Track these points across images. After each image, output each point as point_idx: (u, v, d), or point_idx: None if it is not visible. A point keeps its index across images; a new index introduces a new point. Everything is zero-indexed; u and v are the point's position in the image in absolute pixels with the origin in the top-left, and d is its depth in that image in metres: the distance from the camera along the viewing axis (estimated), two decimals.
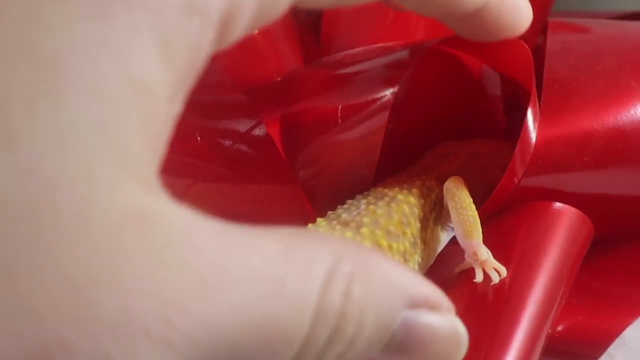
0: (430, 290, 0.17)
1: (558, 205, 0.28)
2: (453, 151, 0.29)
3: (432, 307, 0.16)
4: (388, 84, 0.26)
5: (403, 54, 0.28)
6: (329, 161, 0.28)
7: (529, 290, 0.26)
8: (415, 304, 0.16)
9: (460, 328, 0.17)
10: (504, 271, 0.25)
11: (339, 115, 0.27)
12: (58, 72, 0.13)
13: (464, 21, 0.23)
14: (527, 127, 0.26)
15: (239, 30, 0.16)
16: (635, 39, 0.29)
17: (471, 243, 0.25)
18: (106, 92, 0.13)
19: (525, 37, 0.36)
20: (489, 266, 0.25)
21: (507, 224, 0.28)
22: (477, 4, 0.21)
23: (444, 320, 0.17)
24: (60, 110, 0.13)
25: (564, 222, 0.28)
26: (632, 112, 0.27)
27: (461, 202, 0.25)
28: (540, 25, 0.37)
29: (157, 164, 0.15)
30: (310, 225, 0.25)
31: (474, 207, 0.25)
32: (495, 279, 0.24)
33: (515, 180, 0.27)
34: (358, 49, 0.29)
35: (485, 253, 0.25)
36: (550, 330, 0.27)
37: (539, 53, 0.36)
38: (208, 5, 0.14)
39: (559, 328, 0.29)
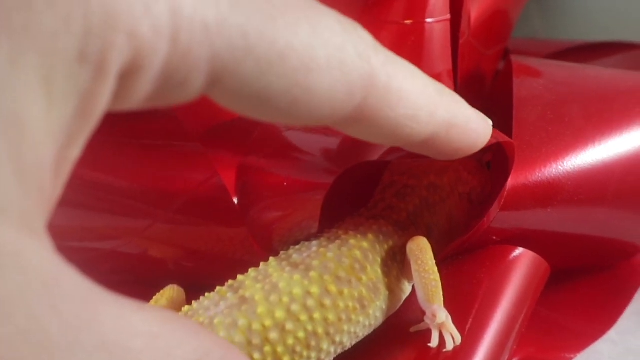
0: None
1: (516, 252, 0.29)
2: (410, 185, 0.28)
3: None
4: (332, 173, 0.26)
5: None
6: (280, 217, 0.28)
7: (484, 335, 0.26)
8: None
9: None
10: (458, 339, 0.25)
11: (286, 185, 0.28)
12: None
13: (417, 148, 0.22)
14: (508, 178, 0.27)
15: (145, 87, 0.15)
16: (596, 87, 0.30)
17: (432, 307, 0.25)
18: None
19: (485, 63, 0.36)
20: (445, 329, 0.25)
21: (467, 267, 0.29)
22: (422, 136, 0.21)
23: None
24: None
25: (521, 268, 0.29)
26: (596, 165, 0.28)
27: (424, 266, 0.25)
28: (500, 48, 0.37)
29: (37, 204, 0.14)
30: (261, 264, 0.25)
31: (436, 269, 0.25)
32: (450, 345, 0.25)
33: (486, 226, 0.28)
34: None
35: (444, 317, 0.25)
36: None
37: (500, 78, 0.36)
38: (104, 57, 0.14)
39: None
